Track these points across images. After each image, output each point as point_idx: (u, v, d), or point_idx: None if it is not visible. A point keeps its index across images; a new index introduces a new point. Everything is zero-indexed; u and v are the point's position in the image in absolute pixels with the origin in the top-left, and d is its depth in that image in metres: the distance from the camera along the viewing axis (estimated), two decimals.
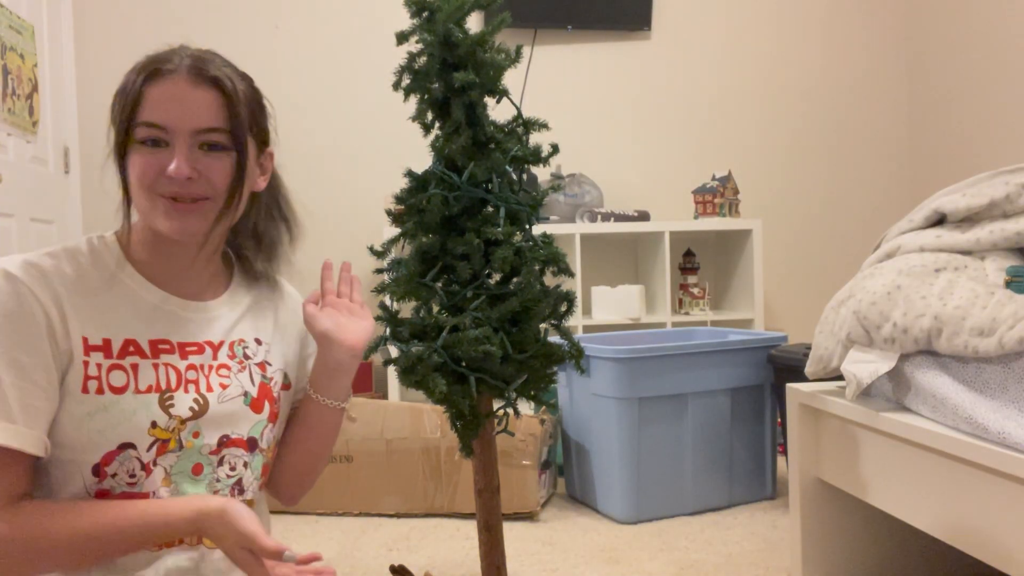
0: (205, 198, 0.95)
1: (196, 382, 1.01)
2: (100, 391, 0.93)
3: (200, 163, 0.93)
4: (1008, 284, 1.34)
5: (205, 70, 0.94)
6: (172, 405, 0.97)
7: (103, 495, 0.94)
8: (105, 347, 0.95)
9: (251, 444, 1.05)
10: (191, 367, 1.01)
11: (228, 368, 1.05)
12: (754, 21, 3.70)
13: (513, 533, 2.14)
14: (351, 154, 3.45)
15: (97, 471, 0.93)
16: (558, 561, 1.94)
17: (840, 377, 1.57)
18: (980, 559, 1.23)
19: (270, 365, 1.10)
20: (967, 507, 1.25)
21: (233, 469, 1.03)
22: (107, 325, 0.95)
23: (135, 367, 0.96)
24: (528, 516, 2.27)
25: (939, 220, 1.58)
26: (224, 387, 1.03)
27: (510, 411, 1.37)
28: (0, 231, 2.70)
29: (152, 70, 0.93)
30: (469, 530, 2.18)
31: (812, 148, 3.76)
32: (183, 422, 0.98)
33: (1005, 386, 1.21)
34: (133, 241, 1.01)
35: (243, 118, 0.96)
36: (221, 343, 1.05)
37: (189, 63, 0.94)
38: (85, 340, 0.93)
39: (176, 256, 1.01)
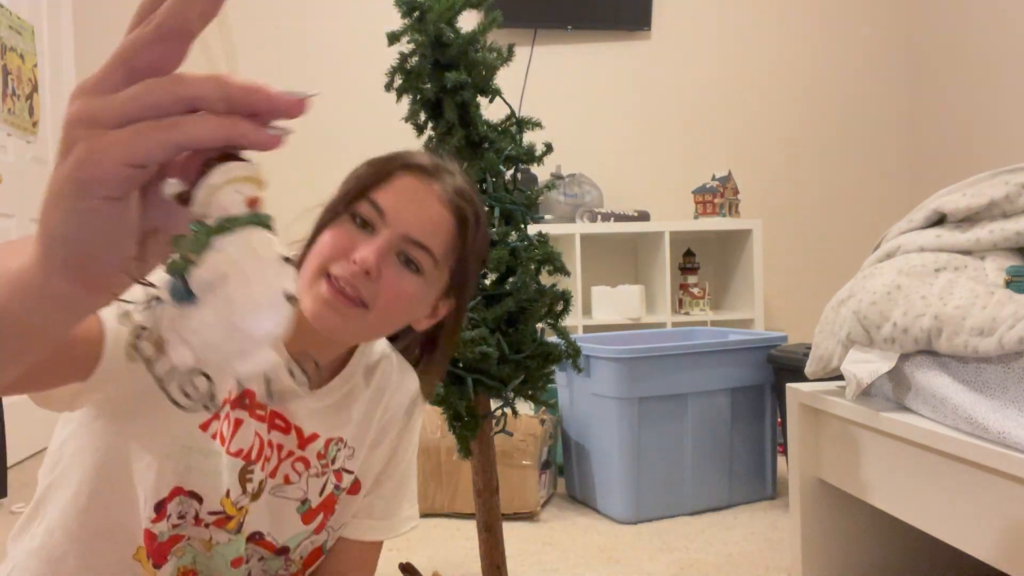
0: (363, 305, 0.83)
1: (269, 460, 0.87)
2: (214, 437, 0.83)
3: (386, 268, 0.83)
4: (1008, 284, 1.33)
5: (458, 199, 0.89)
6: (250, 480, 0.85)
7: (150, 537, 0.82)
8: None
9: (280, 552, 0.93)
10: (270, 444, 0.88)
11: (306, 466, 0.91)
12: (754, 21, 3.69)
13: (513, 533, 2.13)
14: (349, 155, 3.45)
15: (159, 507, 0.82)
16: (558, 561, 1.94)
17: (840, 377, 1.57)
18: (980, 559, 1.22)
19: (348, 473, 0.97)
20: (967, 507, 1.24)
21: (246, 562, 0.91)
22: None
23: (239, 423, 0.84)
24: (528, 516, 2.26)
25: (939, 220, 1.58)
26: (288, 481, 0.90)
27: (508, 411, 1.37)
28: (0, 231, 2.70)
29: (417, 166, 0.89)
30: (469, 530, 2.17)
31: (812, 148, 3.75)
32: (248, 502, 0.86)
33: (1005, 386, 1.20)
34: None
35: (453, 257, 0.89)
36: (314, 436, 0.92)
37: (453, 186, 0.89)
38: None
39: (305, 333, 0.85)
